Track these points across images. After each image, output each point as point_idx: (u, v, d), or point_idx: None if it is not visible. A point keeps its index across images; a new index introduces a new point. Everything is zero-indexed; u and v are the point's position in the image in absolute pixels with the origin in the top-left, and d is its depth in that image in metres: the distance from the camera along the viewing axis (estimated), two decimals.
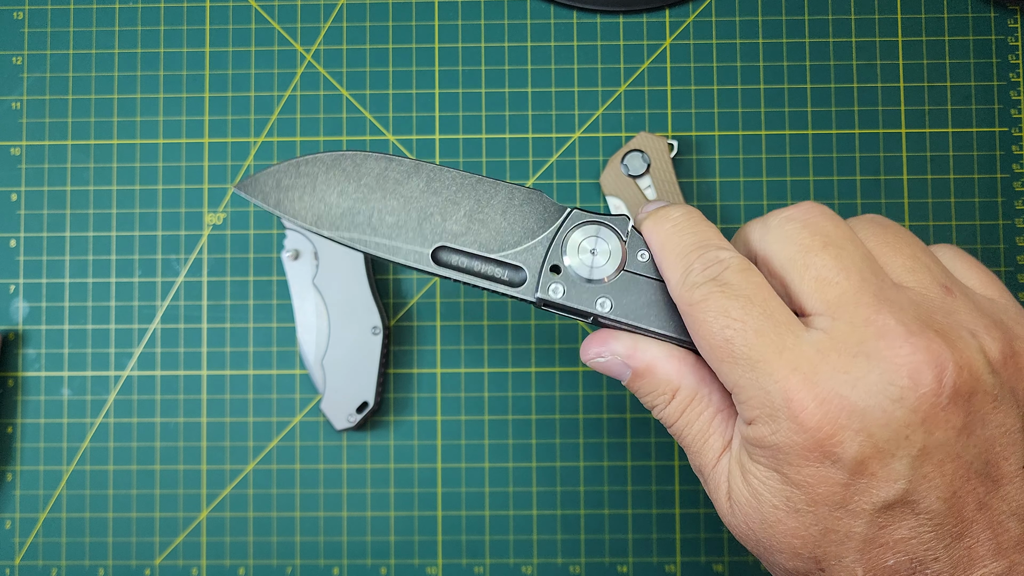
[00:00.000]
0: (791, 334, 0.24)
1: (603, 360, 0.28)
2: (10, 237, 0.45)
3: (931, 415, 0.22)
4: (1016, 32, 0.45)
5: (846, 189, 0.45)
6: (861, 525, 0.23)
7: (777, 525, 0.24)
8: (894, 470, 0.23)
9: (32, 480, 0.44)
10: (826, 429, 0.23)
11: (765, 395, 0.23)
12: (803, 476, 0.23)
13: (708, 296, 0.25)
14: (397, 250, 0.28)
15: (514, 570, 0.44)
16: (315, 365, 0.43)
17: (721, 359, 0.24)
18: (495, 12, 0.45)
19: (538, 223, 0.28)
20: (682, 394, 0.27)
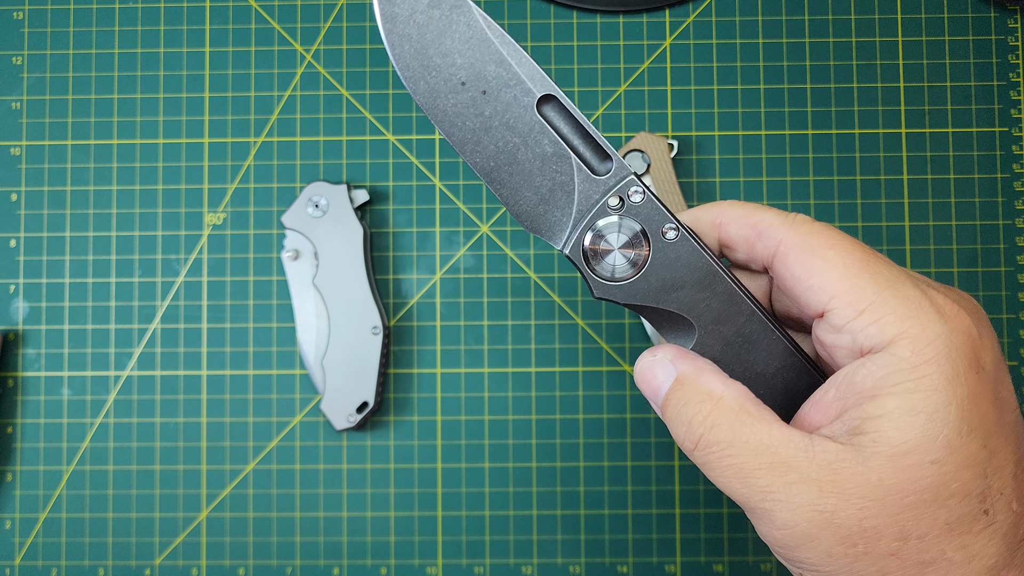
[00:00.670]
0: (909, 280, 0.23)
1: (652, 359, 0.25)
2: (10, 237, 0.45)
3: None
4: (1016, 32, 0.45)
5: (846, 189, 0.45)
6: (1012, 445, 0.22)
7: (951, 458, 0.21)
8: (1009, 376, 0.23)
9: (32, 480, 0.44)
10: (975, 329, 0.22)
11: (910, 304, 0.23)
12: (968, 386, 0.22)
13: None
14: (513, 79, 0.26)
15: (514, 570, 0.44)
16: (315, 365, 0.43)
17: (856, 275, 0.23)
18: (495, 12, 0.45)
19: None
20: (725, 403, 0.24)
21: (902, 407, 0.22)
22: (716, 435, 0.23)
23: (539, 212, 0.26)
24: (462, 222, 0.45)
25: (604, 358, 0.44)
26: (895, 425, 0.22)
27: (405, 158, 0.45)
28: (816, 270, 0.23)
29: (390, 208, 0.45)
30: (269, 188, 0.45)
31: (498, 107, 0.26)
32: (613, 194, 0.26)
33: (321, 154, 0.45)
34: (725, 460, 0.23)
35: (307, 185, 0.44)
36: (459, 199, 0.45)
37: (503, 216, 0.45)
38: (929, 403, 0.21)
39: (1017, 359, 0.44)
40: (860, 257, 0.23)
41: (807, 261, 0.23)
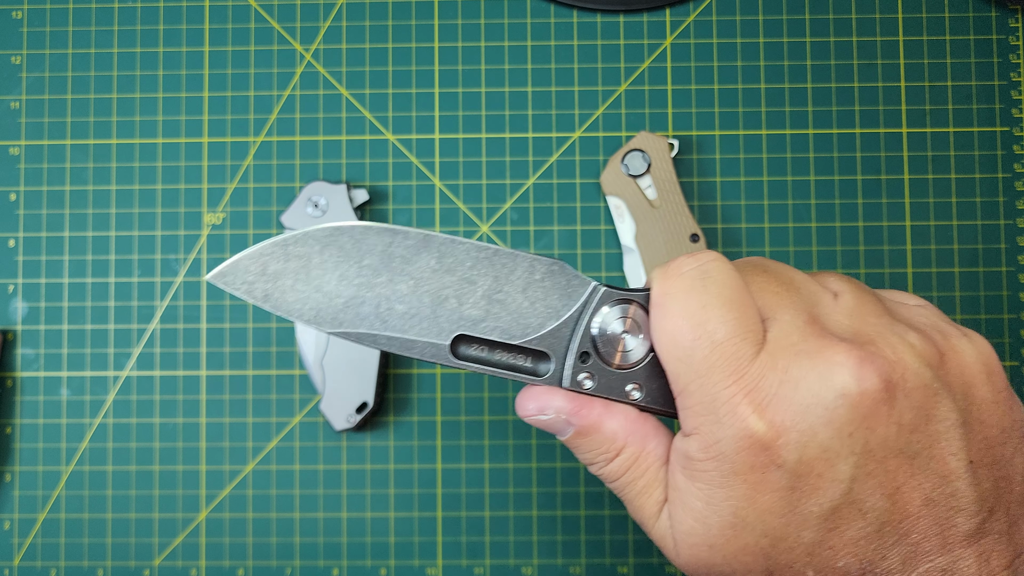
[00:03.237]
0: (751, 346, 0.23)
1: (545, 418, 0.26)
2: (9, 237, 0.45)
3: (872, 411, 0.23)
4: (1017, 32, 0.45)
5: (847, 189, 0.44)
6: (810, 530, 0.23)
7: (726, 546, 0.24)
8: (838, 470, 0.23)
9: (31, 481, 0.44)
10: (768, 433, 0.23)
11: (711, 400, 0.23)
12: (748, 485, 0.23)
13: (689, 288, 0.24)
14: (412, 345, 0.25)
15: (514, 571, 0.44)
16: (315, 365, 0.43)
17: (679, 358, 0.24)
18: (495, 11, 0.45)
19: (562, 300, 0.26)
20: (627, 452, 0.26)
21: (687, 493, 0.24)
22: (612, 476, 0.27)
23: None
24: (462, 222, 0.45)
25: None
26: (680, 507, 0.25)
27: (405, 158, 0.45)
28: (655, 338, 0.25)
29: (390, 208, 0.45)
30: (268, 188, 0.45)
31: (422, 355, 0.26)
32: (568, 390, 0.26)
33: (320, 154, 0.45)
34: (621, 493, 0.27)
35: (306, 185, 0.44)
36: (459, 199, 0.45)
37: (503, 216, 0.45)
38: (705, 495, 0.24)
39: (1018, 359, 0.44)
40: (692, 336, 0.24)
41: (656, 326, 0.25)
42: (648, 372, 0.26)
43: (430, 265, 0.25)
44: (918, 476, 0.23)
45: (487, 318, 0.26)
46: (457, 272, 0.25)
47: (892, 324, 0.24)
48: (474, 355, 0.26)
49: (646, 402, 0.26)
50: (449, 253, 0.25)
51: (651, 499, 0.26)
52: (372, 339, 0.25)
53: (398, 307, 0.25)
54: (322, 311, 0.25)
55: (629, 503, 0.27)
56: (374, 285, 0.25)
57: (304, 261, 0.25)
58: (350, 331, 0.25)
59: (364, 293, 0.25)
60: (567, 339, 0.26)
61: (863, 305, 0.25)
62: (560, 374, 0.26)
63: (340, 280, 0.25)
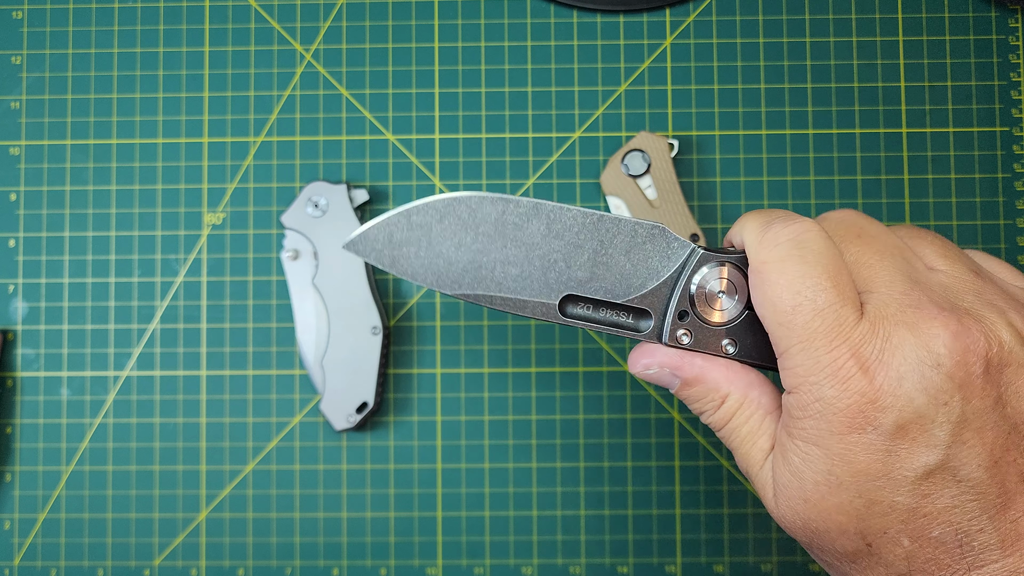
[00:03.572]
0: (852, 311, 0.24)
1: (652, 372, 0.28)
2: (9, 237, 0.45)
3: (967, 383, 0.23)
4: (1017, 32, 0.45)
5: (847, 189, 0.44)
6: (904, 494, 0.23)
7: (821, 503, 0.24)
8: (934, 435, 0.23)
9: (31, 481, 0.44)
10: (868, 394, 0.23)
11: (814, 363, 0.24)
12: (845, 445, 0.24)
13: (787, 257, 0.25)
14: (524, 305, 0.27)
15: (514, 571, 0.44)
16: (315, 365, 0.43)
17: (780, 323, 0.25)
18: (495, 11, 0.45)
19: (662, 262, 0.27)
20: (731, 400, 0.27)
21: (786, 447, 0.25)
22: (718, 423, 0.28)
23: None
24: None
25: (604, 358, 0.44)
26: (780, 459, 0.26)
27: (405, 158, 0.45)
28: (756, 303, 0.26)
29: (390, 208, 0.45)
30: (268, 188, 0.45)
31: (534, 314, 0.28)
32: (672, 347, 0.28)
33: (320, 154, 0.45)
34: (728, 441, 0.28)
35: (306, 185, 0.44)
36: None
37: None
38: (802, 451, 0.25)
39: None
40: (792, 303, 0.25)
41: (757, 292, 0.26)
42: (742, 328, 0.27)
43: (540, 231, 0.27)
44: (1015, 451, 0.23)
45: (592, 279, 0.27)
46: (565, 237, 0.27)
47: (991, 299, 0.25)
48: (581, 313, 0.28)
49: (740, 356, 0.27)
50: (557, 220, 0.27)
51: (755, 447, 0.27)
52: (488, 299, 0.27)
53: (512, 270, 0.27)
54: (442, 275, 0.27)
55: (736, 450, 0.28)
56: (489, 251, 0.27)
57: (426, 230, 0.27)
58: (468, 292, 0.27)
59: (480, 258, 0.27)
60: (667, 298, 0.27)
61: (961, 277, 0.25)
62: (660, 330, 0.28)
63: (458, 247, 0.27)
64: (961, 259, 0.26)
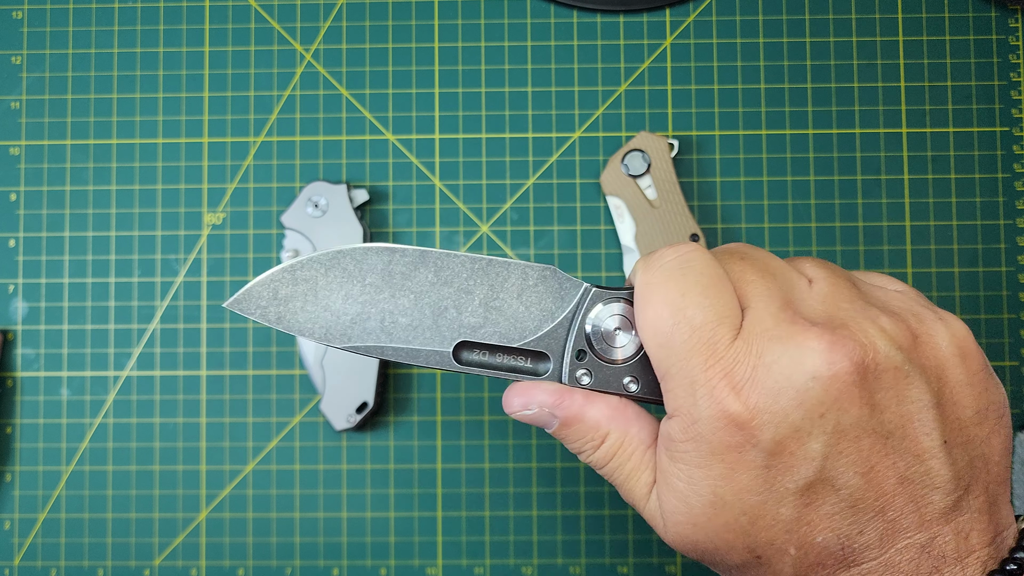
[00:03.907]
0: (728, 331, 0.24)
1: (530, 412, 0.27)
2: (9, 237, 0.45)
3: (843, 394, 0.23)
4: (1017, 32, 0.45)
5: (847, 189, 0.44)
6: (787, 506, 0.24)
7: (708, 524, 0.25)
8: (810, 449, 0.23)
9: (31, 480, 0.44)
10: (744, 414, 0.24)
11: (690, 383, 0.24)
12: (725, 464, 0.24)
13: (668, 277, 0.25)
14: (417, 354, 0.27)
15: (514, 571, 0.44)
16: (315, 365, 0.43)
17: (660, 344, 0.25)
18: (495, 11, 0.45)
19: (555, 303, 0.27)
20: (611, 439, 0.27)
21: (670, 474, 0.25)
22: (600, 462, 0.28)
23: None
24: (462, 222, 0.45)
25: None
26: (665, 488, 0.26)
27: (405, 158, 0.45)
28: (639, 326, 0.26)
29: (390, 208, 0.45)
30: (268, 188, 0.45)
31: (427, 363, 0.27)
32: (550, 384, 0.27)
33: (321, 154, 0.45)
34: (611, 478, 0.28)
35: (306, 185, 0.44)
36: (459, 199, 0.45)
37: (503, 216, 0.45)
38: (686, 475, 0.25)
39: (1017, 359, 0.44)
40: (672, 322, 0.25)
41: (640, 316, 0.26)
42: (643, 365, 0.27)
43: (428, 279, 0.27)
44: (892, 455, 0.24)
45: (486, 324, 0.27)
46: (454, 284, 0.27)
47: (865, 308, 0.25)
48: (476, 359, 0.28)
49: (643, 393, 0.27)
50: (445, 266, 0.27)
51: (640, 482, 0.27)
52: (379, 351, 0.27)
53: (401, 320, 0.27)
54: (331, 328, 0.27)
55: (620, 487, 0.28)
56: (377, 301, 0.27)
57: (311, 284, 0.27)
58: (359, 345, 0.27)
59: (369, 309, 0.27)
60: (563, 339, 0.27)
61: (837, 290, 0.26)
62: (559, 372, 0.27)
63: (346, 299, 0.27)
64: (840, 272, 0.27)
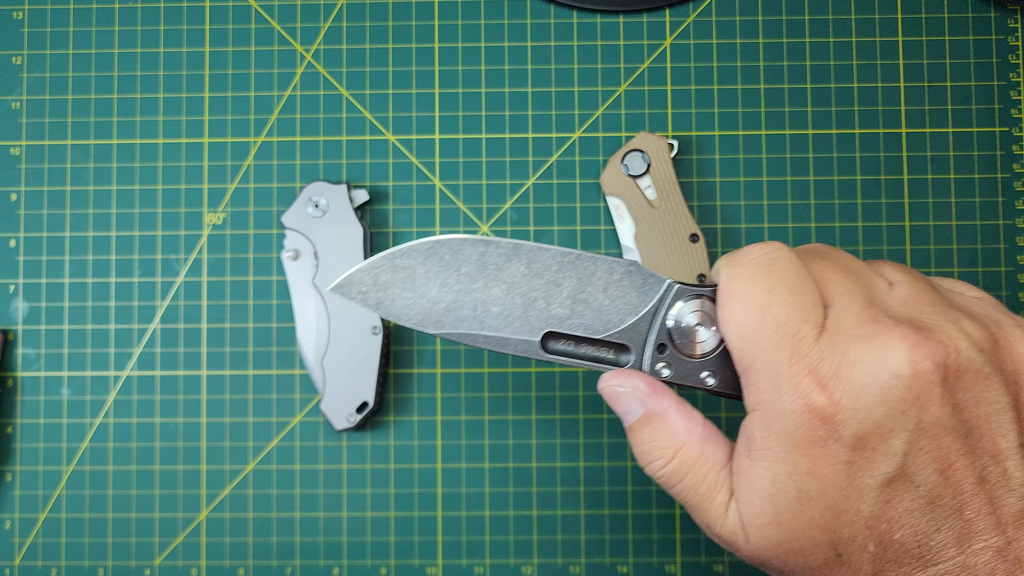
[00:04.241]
0: (812, 328, 0.25)
1: (623, 389, 0.28)
2: (9, 237, 0.45)
3: (925, 392, 0.24)
4: (1016, 32, 0.45)
5: (846, 189, 0.44)
6: (868, 502, 0.24)
7: (794, 521, 0.25)
8: (892, 445, 0.24)
9: (31, 480, 0.44)
10: (828, 409, 0.24)
11: (775, 377, 0.25)
12: (810, 459, 0.24)
13: (755, 274, 0.26)
14: (506, 342, 0.28)
15: (514, 570, 0.44)
16: (315, 365, 0.43)
17: (744, 337, 0.26)
18: (495, 12, 0.45)
19: (639, 297, 0.28)
20: (687, 451, 0.27)
21: (753, 475, 0.26)
22: (673, 478, 0.28)
23: None
24: (462, 222, 0.45)
25: None
26: (747, 491, 0.26)
27: (405, 158, 0.45)
28: (722, 320, 0.26)
29: (390, 208, 0.45)
30: (269, 188, 0.45)
31: (516, 351, 0.29)
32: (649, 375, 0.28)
33: (321, 154, 0.45)
34: (681, 496, 0.28)
35: (307, 185, 0.44)
36: (459, 199, 0.45)
37: (503, 216, 0.45)
38: (770, 473, 0.25)
39: None
40: (758, 317, 0.25)
41: (724, 310, 0.26)
42: (721, 360, 0.28)
43: (520, 271, 0.28)
44: (970, 455, 0.24)
45: (572, 316, 0.28)
46: (544, 276, 0.28)
47: (947, 311, 0.26)
48: (562, 349, 0.29)
49: (720, 387, 0.28)
50: (537, 259, 0.28)
51: (716, 501, 0.27)
52: (471, 338, 0.28)
53: (493, 309, 0.28)
54: (427, 315, 0.28)
55: (694, 508, 0.28)
56: (471, 290, 0.28)
57: (409, 272, 0.28)
58: (451, 332, 0.28)
59: (463, 298, 0.28)
60: (645, 332, 0.28)
61: (918, 293, 0.26)
62: (640, 364, 0.28)
63: (441, 287, 0.28)
64: (919, 276, 0.27)
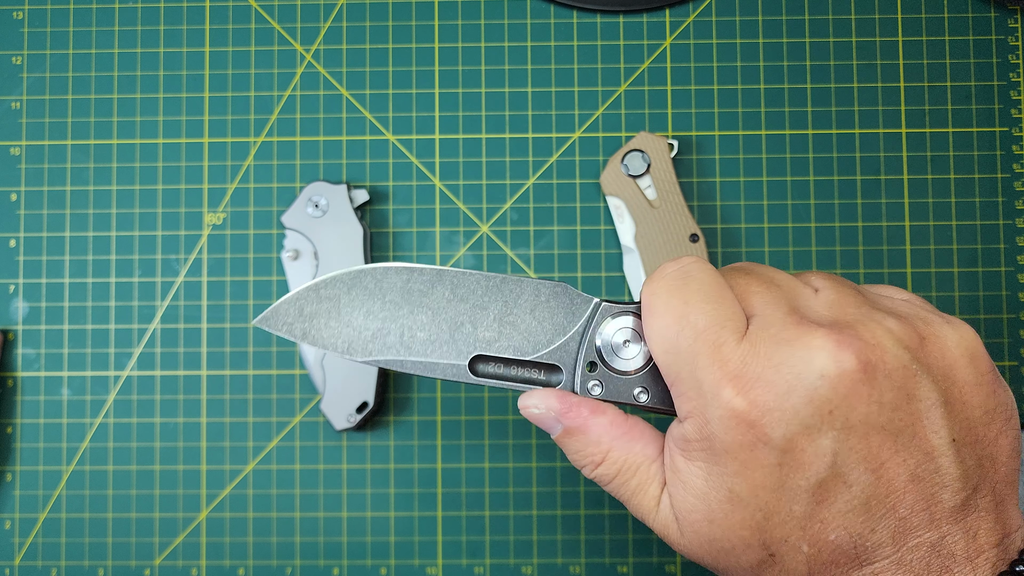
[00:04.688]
0: (732, 333, 0.25)
1: (537, 412, 0.28)
2: (10, 237, 0.45)
3: (852, 391, 0.24)
4: (1016, 32, 0.45)
5: (846, 189, 0.45)
6: (800, 503, 0.24)
7: (725, 520, 0.25)
8: (821, 445, 0.24)
9: (32, 480, 0.44)
10: (754, 412, 0.24)
11: (699, 385, 0.25)
12: (739, 463, 0.25)
13: (672, 287, 0.26)
14: (435, 367, 0.28)
15: (514, 570, 0.44)
16: (315, 365, 0.43)
17: (667, 350, 0.26)
18: (495, 12, 0.45)
19: (567, 317, 0.28)
20: (613, 456, 0.28)
21: (687, 473, 0.26)
22: (604, 481, 0.28)
23: None
24: (462, 222, 0.45)
25: None
26: (681, 488, 0.26)
27: (405, 158, 0.45)
28: (647, 335, 0.27)
29: (390, 208, 0.45)
30: (269, 188, 0.45)
31: (444, 375, 0.29)
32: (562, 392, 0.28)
33: (321, 154, 0.45)
34: (616, 492, 0.28)
35: (307, 185, 0.44)
36: (459, 199, 0.45)
37: (503, 216, 0.45)
38: (703, 472, 0.25)
39: (1017, 359, 0.44)
40: (677, 329, 0.26)
41: (647, 326, 0.27)
42: (651, 376, 0.28)
43: (445, 296, 0.28)
44: (902, 453, 0.24)
45: (500, 338, 0.28)
46: (470, 300, 0.28)
47: (872, 312, 0.26)
48: (491, 372, 0.29)
49: (653, 403, 0.28)
50: (461, 284, 0.28)
51: (647, 495, 0.28)
52: (399, 364, 0.28)
53: (420, 335, 0.28)
54: (353, 343, 0.28)
55: (628, 501, 0.28)
56: (397, 317, 0.28)
57: (334, 302, 0.29)
58: (379, 358, 0.28)
59: (389, 325, 0.28)
60: (575, 352, 0.28)
61: (843, 297, 0.26)
62: (572, 383, 0.28)
63: (367, 315, 0.28)
64: (845, 281, 0.28)
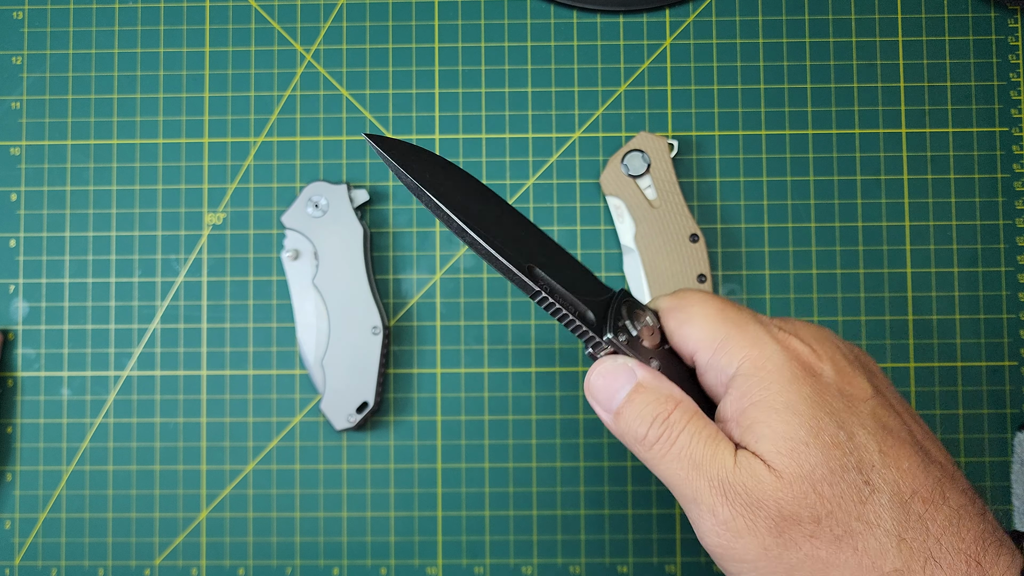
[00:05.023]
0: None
1: (615, 364, 0.28)
2: (10, 237, 0.45)
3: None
4: (1016, 32, 0.45)
5: (846, 189, 0.45)
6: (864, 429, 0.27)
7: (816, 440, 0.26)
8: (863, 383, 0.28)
9: (32, 480, 0.44)
10: (802, 347, 0.28)
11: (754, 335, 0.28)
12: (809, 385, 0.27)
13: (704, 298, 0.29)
14: (503, 251, 0.28)
15: (514, 570, 0.44)
16: (315, 365, 0.43)
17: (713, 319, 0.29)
18: (495, 12, 0.45)
19: (597, 285, 0.30)
20: (687, 404, 0.28)
21: (766, 402, 0.26)
22: (676, 431, 0.27)
23: None
24: None
25: None
26: (767, 415, 0.26)
27: None
28: (682, 322, 0.29)
29: (390, 208, 0.45)
30: (269, 188, 0.45)
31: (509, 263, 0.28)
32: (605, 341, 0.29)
33: (321, 154, 0.45)
34: (685, 452, 0.27)
35: (307, 185, 0.44)
36: None
37: None
38: (781, 399, 0.26)
39: (1017, 359, 0.44)
40: (716, 308, 0.29)
41: (677, 317, 0.29)
42: (664, 356, 0.30)
43: (511, 222, 0.29)
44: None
45: (552, 267, 0.29)
46: (529, 229, 0.30)
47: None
48: (544, 277, 0.28)
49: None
50: (522, 224, 0.30)
51: (722, 444, 0.27)
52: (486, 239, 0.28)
53: (492, 225, 0.28)
54: (459, 206, 0.28)
55: (701, 459, 0.27)
56: (475, 204, 0.28)
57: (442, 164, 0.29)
58: (475, 235, 0.27)
59: (470, 203, 0.28)
60: (605, 310, 0.29)
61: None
62: (603, 328, 0.29)
63: (455, 189, 0.28)
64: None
